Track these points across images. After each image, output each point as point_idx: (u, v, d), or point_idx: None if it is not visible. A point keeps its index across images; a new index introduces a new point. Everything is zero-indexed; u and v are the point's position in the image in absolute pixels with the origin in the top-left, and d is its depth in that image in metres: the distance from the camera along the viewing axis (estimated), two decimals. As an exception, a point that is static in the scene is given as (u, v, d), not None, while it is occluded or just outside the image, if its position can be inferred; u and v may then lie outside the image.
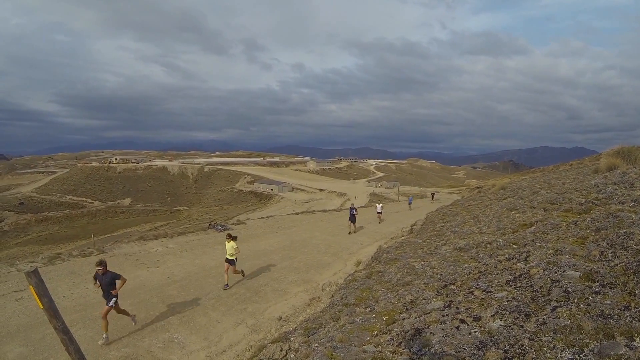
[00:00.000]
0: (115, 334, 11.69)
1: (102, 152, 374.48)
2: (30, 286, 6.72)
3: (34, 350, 10.52)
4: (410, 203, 62.06)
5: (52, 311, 6.93)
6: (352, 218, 31.22)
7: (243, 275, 17.59)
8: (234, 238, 17.03)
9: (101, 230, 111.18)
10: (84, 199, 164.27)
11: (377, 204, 40.79)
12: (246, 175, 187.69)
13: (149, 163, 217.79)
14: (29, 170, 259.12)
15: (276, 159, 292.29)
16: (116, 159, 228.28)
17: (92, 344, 11.05)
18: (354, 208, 32.21)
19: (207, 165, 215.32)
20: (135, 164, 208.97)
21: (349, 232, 30.46)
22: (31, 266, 16.57)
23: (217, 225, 30.39)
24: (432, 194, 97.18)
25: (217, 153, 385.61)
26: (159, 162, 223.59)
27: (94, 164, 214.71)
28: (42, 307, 6.84)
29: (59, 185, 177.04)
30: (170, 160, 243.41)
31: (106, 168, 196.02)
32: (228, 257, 16.64)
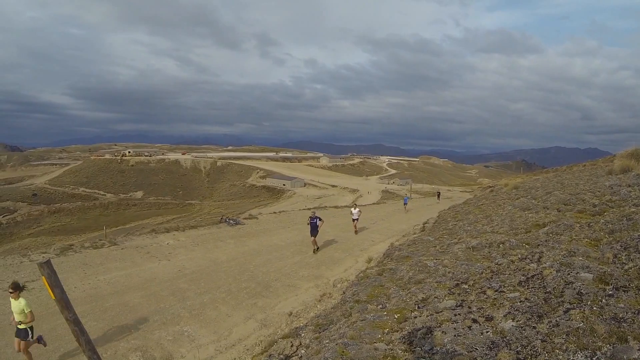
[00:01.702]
0: (125, 326, 11.80)
1: (115, 145, 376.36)
2: (43, 277, 6.78)
3: (45, 340, 10.62)
4: (405, 204, 51.53)
5: (64, 302, 6.99)
6: (314, 230, 22.61)
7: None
8: (21, 289, 9.95)
9: (113, 223, 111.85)
10: (97, 191, 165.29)
11: (352, 209, 30.08)
12: (259, 170, 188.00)
13: (162, 156, 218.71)
14: (42, 162, 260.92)
15: (289, 155, 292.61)
16: (129, 152, 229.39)
17: (103, 335, 11.16)
18: (316, 217, 22.75)
19: (219, 159, 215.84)
20: (148, 157, 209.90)
21: (314, 250, 22.66)
22: (43, 257, 16.73)
23: (229, 219, 30.51)
24: (438, 194, 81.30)
25: (230, 147, 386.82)
26: (172, 156, 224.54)
27: (107, 156, 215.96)
28: (53, 297, 6.90)
29: (71, 177, 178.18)
30: (183, 154, 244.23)
31: (119, 161, 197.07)
32: (18, 326, 9.77)
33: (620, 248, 6.45)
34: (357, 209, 29.81)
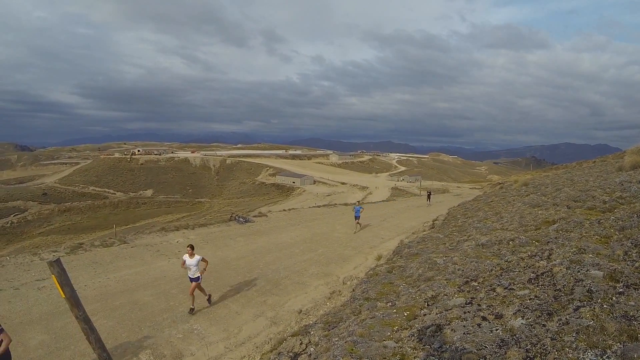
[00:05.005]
0: (135, 324, 11.85)
1: (125, 144, 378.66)
2: (53, 275, 6.83)
3: (55, 338, 10.73)
4: (357, 217, 29.84)
5: (74, 300, 7.03)
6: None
7: None
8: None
9: (123, 221, 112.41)
10: (107, 189, 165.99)
11: (185, 255, 13.62)
12: (268, 168, 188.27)
13: (171, 155, 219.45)
14: (52, 162, 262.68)
15: (298, 152, 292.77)
16: (138, 151, 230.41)
17: (113, 333, 11.21)
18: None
19: (229, 157, 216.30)
20: (158, 156, 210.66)
21: None
22: (54, 256, 16.84)
23: (238, 217, 30.58)
24: (429, 194, 58.36)
25: (239, 145, 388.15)
26: (181, 154, 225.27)
27: (117, 155, 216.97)
28: (63, 296, 6.94)
29: (81, 176, 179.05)
30: (193, 152, 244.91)
31: (128, 159, 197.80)
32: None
33: (630, 245, 6.41)
34: (196, 258, 13.47)
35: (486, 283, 7.11)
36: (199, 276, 13.50)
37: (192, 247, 13.44)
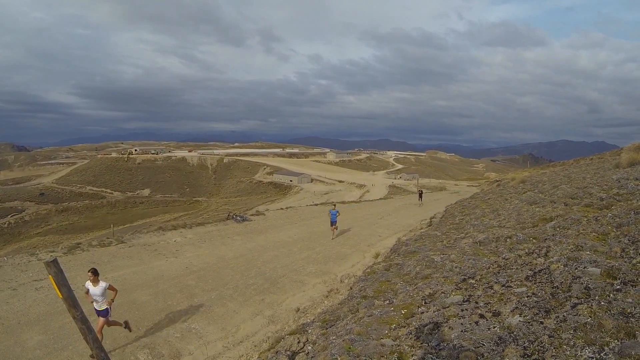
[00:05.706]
0: (134, 325, 11.81)
1: (122, 143, 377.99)
2: (50, 276, 6.81)
3: (53, 338, 10.70)
4: (334, 222, 25.44)
5: (71, 300, 7.01)
6: None
7: None
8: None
9: (120, 221, 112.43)
10: (104, 189, 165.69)
11: (87, 284, 10.72)
12: (265, 166, 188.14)
13: (169, 154, 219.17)
14: (50, 162, 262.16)
15: (295, 150, 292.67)
16: (136, 150, 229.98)
17: (110, 332, 11.17)
18: None
19: (226, 156, 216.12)
20: (155, 155, 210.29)
21: None
22: (51, 256, 16.78)
23: (236, 216, 30.53)
24: (420, 193, 53.15)
25: (236, 144, 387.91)
26: (179, 153, 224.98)
27: (114, 155, 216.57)
28: (61, 296, 6.92)
29: (79, 176, 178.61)
30: (190, 151, 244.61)
31: (126, 159, 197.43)
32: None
33: (628, 242, 6.42)
34: (100, 286, 10.57)
35: (484, 280, 7.11)
36: (106, 309, 10.61)
37: (94, 272, 10.52)
